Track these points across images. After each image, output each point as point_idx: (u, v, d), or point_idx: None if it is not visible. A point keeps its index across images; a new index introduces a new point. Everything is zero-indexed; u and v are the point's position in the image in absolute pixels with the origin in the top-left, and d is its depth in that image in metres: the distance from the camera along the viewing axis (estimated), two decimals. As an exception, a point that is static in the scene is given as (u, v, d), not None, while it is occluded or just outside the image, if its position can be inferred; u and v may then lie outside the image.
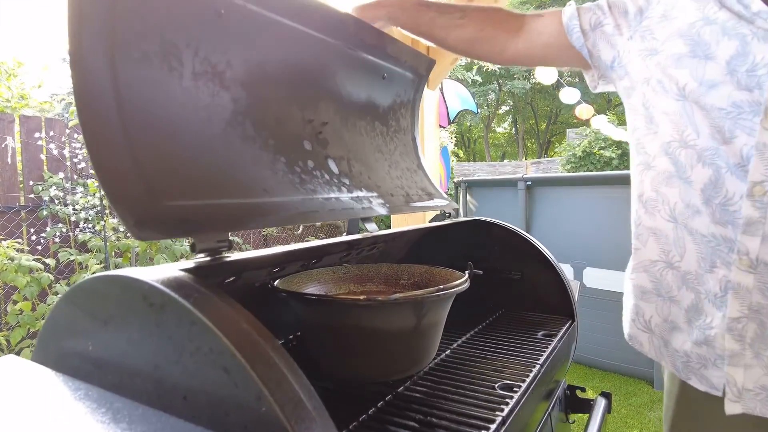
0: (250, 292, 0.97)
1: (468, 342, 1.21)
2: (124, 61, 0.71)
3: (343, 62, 1.17)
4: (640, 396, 3.41)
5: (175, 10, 0.79)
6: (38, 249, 3.70)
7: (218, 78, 0.86)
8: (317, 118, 1.10)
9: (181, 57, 0.80)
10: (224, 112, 0.87)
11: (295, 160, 0.99)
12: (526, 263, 1.50)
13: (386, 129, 1.40)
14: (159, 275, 0.55)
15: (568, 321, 1.39)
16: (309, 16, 1.03)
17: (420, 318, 0.88)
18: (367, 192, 1.16)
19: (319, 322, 0.90)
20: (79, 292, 0.61)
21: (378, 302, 0.81)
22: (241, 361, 0.45)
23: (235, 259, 0.71)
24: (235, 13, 0.89)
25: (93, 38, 0.67)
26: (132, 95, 0.70)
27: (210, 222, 0.69)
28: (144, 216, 0.62)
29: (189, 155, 0.76)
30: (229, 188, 0.79)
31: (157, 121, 0.73)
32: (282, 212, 0.86)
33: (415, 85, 1.51)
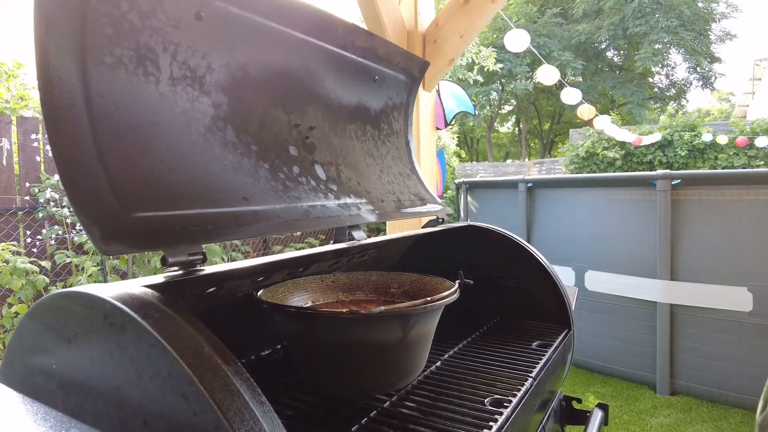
0: (234, 302, 0.94)
1: (459, 353, 1.18)
2: (96, 67, 0.68)
3: (331, 65, 1.15)
4: (642, 401, 3.37)
5: (152, 13, 0.76)
6: (34, 252, 3.68)
7: (198, 83, 0.84)
8: (304, 123, 1.08)
9: (158, 62, 0.78)
10: (204, 117, 0.84)
11: (279, 167, 0.96)
12: (521, 270, 1.47)
13: (378, 133, 1.37)
14: (122, 292, 0.52)
15: (564, 330, 1.35)
16: (295, 18, 1.00)
17: (407, 331, 0.85)
18: (356, 198, 1.13)
19: (302, 335, 0.87)
20: (43, 308, 0.58)
21: (362, 315, 0.78)
22: (199, 389, 0.42)
23: (209, 273, 0.69)
24: (215, 16, 0.86)
25: (61, 43, 0.64)
26: (104, 103, 0.67)
27: (183, 234, 0.66)
28: (112, 229, 0.60)
29: (164, 164, 0.73)
30: (206, 197, 0.77)
31: (131, 129, 0.70)
32: (262, 222, 0.83)
33: (408, 87, 1.48)
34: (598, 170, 10.88)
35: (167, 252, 0.62)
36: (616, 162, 10.73)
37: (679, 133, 10.16)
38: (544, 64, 4.20)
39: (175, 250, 0.64)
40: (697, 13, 20.45)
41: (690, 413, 3.18)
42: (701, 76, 22.52)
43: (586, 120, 6.05)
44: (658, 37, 19.28)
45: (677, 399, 3.36)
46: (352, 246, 1.08)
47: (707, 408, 3.22)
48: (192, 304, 0.76)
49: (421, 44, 2.06)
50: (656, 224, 3.39)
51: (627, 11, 19.67)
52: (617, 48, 22.36)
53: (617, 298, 3.65)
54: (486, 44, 12.00)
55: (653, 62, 19.80)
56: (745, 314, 3.11)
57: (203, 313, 0.62)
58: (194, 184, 0.76)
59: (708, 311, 3.27)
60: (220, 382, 0.43)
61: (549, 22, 20.78)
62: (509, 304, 1.50)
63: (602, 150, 10.86)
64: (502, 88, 21.57)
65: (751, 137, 9.43)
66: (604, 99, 22.09)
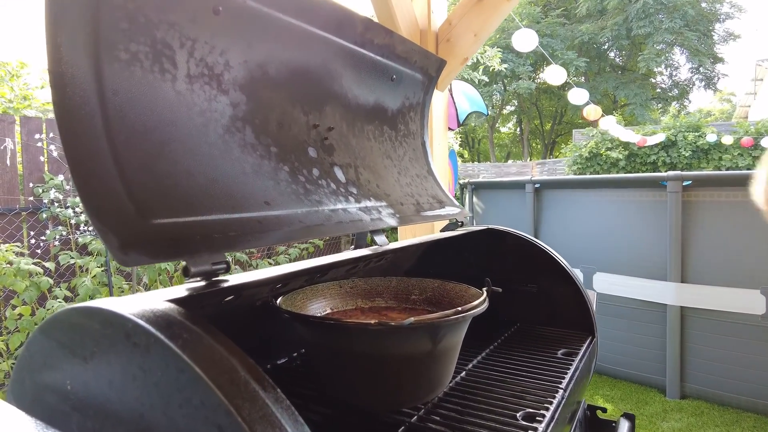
0: (250, 309, 0.90)
1: (483, 362, 1.14)
2: (110, 64, 0.64)
3: (350, 63, 1.10)
4: (652, 405, 3.32)
5: (168, 7, 0.72)
6: (38, 252, 3.64)
7: (215, 81, 0.79)
8: (323, 123, 1.03)
9: (175, 58, 0.73)
10: (222, 117, 0.80)
11: (299, 169, 0.92)
12: (542, 275, 1.42)
13: (395, 133, 1.33)
14: (144, 308, 0.48)
15: (588, 337, 1.31)
16: (314, 13, 0.96)
17: (435, 343, 0.80)
18: (376, 201, 1.09)
19: (325, 346, 0.82)
20: (56, 324, 0.54)
21: (390, 327, 0.73)
22: (237, 420, 0.38)
23: (234, 284, 0.64)
24: (234, 10, 0.82)
25: (74, 38, 0.60)
26: (118, 102, 0.63)
27: (205, 242, 0.62)
28: (130, 237, 0.55)
29: (182, 167, 0.69)
30: (227, 202, 0.72)
31: (146, 129, 0.66)
32: (285, 227, 0.79)
33: (425, 86, 1.44)
34: (601, 171, 10.82)
35: (189, 262, 0.58)
36: (619, 162, 10.66)
37: (682, 133, 10.09)
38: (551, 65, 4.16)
39: (198, 260, 0.59)
40: (701, 13, 20.38)
41: (701, 417, 3.13)
42: (704, 77, 22.44)
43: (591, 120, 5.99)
44: (662, 38, 19.21)
45: (688, 403, 3.31)
46: (373, 252, 1.03)
47: (719, 412, 3.17)
48: (209, 313, 0.72)
49: (433, 43, 2.01)
50: (667, 226, 3.34)
51: (630, 12, 19.60)
52: (620, 48, 22.28)
53: (627, 300, 3.60)
54: (490, 44, 11.95)
55: (656, 63, 19.73)
56: (757, 317, 3.06)
57: (218, 322, 0.58)
58: (214, 188, 0.72)
59: (719, 314, 3.22)
60: (260, 412, 0.39)
61: (552, 22, 20.71)
62: (529, 309, 1.45)
63: (606, 150, 10.80)
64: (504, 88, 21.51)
65: (756, 138, 9.37)
66: (607, 99, 22.01)
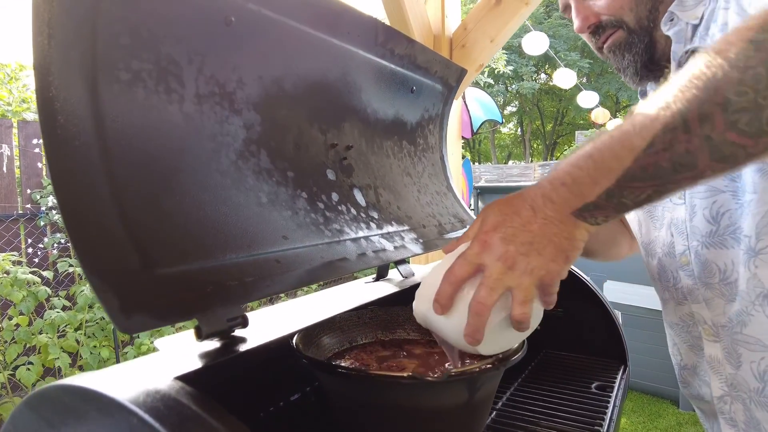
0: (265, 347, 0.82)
1: (514, 399, 1.05)
2: (109, 86, 0.55)
3: (370, 75, 1.02)
4: (665, 418, 3.23)
5: (175, 18, 0.63)
6: (35, 261, 3.56)
7: (227, 100, 0.71)
8: (341, 142, 0.95)
9: (182, 76, 0.65)
10: (235, 141, 0.71)
11: (317, 194, 0.83)
12: (569, 298, 1.33)
13: (414, 148, 1.24)
14: (149, 393, 0.40)
15: (621, 366, 1.22)
16: (333, 22, 0.87)
17: (473, 393, 0.72)
18: (398, 226, 1.01)
19: (348, 396, 0.74)
20: (44, 400, 0.45)
21: (425, 382, 0.65)
22: None
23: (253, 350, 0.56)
24: (247, 21, 0.73)
25: (67, 56, 0.51)
26: (118, 130, 0.55)
27: (219, 294, 0.54)
28: (133, 296, 0.47)
29: (191, 201, 0.60)
30: (242, 239, 0.64)
31: (151, 160, 0.58)
32: (305, 264, 0.70)
33: (444, 97, 1.35)
34: (605, 173, 10.72)
35: (202, 321, 0.50)
36: (624, 164, 10.57)
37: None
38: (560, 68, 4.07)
39: (212, 318, 0.51)
40: (703, 13, 20.25)
41: None
42: (706, 77, 22.29)
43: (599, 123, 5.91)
44: (664, 38, 19.09)
45: (703, 416, 3.23)
46: (401, 289, 0.95)
47: (735, 426, 3.09)
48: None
49: (447, 48, 1.93)
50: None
51: (633, 12, 19.47)
52: (622, 49, 22.15)
53: (637, 309, 3.52)
54: (492, 45, 11.86)
55: (659, 63, 19.59)
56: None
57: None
58: (227, 224, 0.63)
59: (735, 324, 3.14)
60: None
61: (555, 23, 20.64)
62: (554, 334, 1.36)
63: (610, 152, 10.70)
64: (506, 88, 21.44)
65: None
66: (609, 101, 21.94)
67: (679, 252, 0.82)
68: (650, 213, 0.90)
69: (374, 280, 1.06)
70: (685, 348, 0.88)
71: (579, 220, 0.56)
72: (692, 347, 0.86)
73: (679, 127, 0.47)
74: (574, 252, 0.57)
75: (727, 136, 0.45)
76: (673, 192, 0.52)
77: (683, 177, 0.49)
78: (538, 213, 0.56)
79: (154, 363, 0.49)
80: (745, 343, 0.73)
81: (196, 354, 0.51)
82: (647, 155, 0.49)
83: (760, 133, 0.44)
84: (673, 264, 0.84)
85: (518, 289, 0.56)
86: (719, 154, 0.46)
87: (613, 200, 0.53)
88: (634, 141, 0.50)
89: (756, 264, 0.70)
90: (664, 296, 0.91)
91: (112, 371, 0.45)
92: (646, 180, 0.50)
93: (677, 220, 0.82)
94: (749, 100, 0.44)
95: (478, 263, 0.57)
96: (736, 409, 0.77)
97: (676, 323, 0.89)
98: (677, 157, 0.48)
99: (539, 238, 0.55)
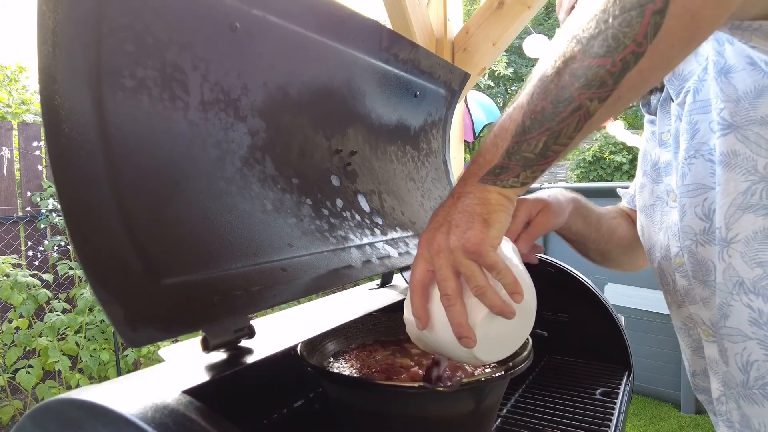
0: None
1: (518, 405, 1.04)
2: (114, 94, 0.54)
3: (373, 80, 1.01)
4: (667, 421, 3.23)
5: (180, 25, 0.63)
6: (35, 264, 3.54)
7: (232, 107, 0.70)
8: (345, 147, 0.94)
9: (187, 83, 0.64)
10: (240, 148, 0.71)
11: (322, 201, 0.83)
12: (572, 304, 1.33)
13: (417, 153, 1.24)
14: (157, 408, 0.39)
15: (625, 372, 1.22)
16: (338, 27, 0.87)
17: (480, 402, 0.71)
18: (402, 231, 1.00)
19: (354, 404, 0.73)
20: (49, 414, 0.45)
21: (433, 392, 0.64)
22: None
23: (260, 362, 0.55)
24: (252, 27, 0.72)
25: (72, 65, 0.51)
26: (123, 138, 0.54)
27: (225, 304, 0.53)
28: (140, 307, 0.46)
29: (196, 210, 0.60)
30: (248, 248, 0.63)
31: (155, 168, 0.57)
32: (310, 272, 0.70)
33: (448, 101, 1.35)
34: (605, 175, 10.73)
35: (209, 333, 0.49)
36: (623, 166, 10.58)
37: (688, 137, 10.01)
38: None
39: (218, 329, 0.50)
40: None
41: (719, 435, 3.04)
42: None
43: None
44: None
45: (704, 418, 3.21)
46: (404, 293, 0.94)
47: (737, 429, 3.08)
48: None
49: (449, 52, 1.93)
50: (683, 237, 3.25)
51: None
52: (621, 50, 22.17)
53: (639, 312, 3.51)
54: (492, 47, 11.85)
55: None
56: (777, 332, 2.96)
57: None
58: (232, 232, 0.62)
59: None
60: None
61: (556, 24, 20.68)
62: (557, 340, 1.36)
63: (609, 154, 10.72)
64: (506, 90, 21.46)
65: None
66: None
67: (673, 254, 0.83)
68: (650, 218, 0.92)
69: (378, 286, 1.05)
70: (689, 352, 0.88)
71: (488, 184, 0.57)
72: (695, 351, 0.86)
73: (550, 74, 0.52)
74: (492, 214, 0.56)
75: (587, 63, 0.49)
76: (568, 137, 0.53)
77: (566, 114, 0.51)
78: (455, 196, 0.59)
79: (160, 375, 0.48)
80: (729, 336, 0.73)
81: (202, 365, 0.51)
82: (531, 106, 0.53)
83: (611, 51, 0.48)
84: (669, 267, 0.85)
85: (459, 265, 0.55)
86: (585, 80, 0.49)
87: (514, 156, 0.55)
88: (522, 100, 0.55)
89: (729, 254, 0.71)
90: (667, 300, 0.91)
91: (118, 384, 0.45)
92: (536, 128, 0.53)
93: (671, 223, 0.83)
94: (596, 27, 0.49)
95: (423, 261, 0.58)
96: (731, 408, 0.77)
97: (679, 327, 0.89)
98: (553, 96, 0.51)
99: (456, 214, 0.57)
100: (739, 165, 0.68)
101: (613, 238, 1.07)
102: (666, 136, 0.87)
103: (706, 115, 0.76)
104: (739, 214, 0.69)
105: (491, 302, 0.56)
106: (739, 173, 0.69)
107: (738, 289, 0.70)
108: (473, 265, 0.55)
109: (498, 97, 21.51)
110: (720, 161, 0.71)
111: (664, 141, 0.87)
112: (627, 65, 0.48)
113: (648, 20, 0.46)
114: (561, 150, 0.54)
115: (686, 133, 0.79)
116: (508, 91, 21.86)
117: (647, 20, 0.46)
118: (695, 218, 0.77)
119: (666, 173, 0.87)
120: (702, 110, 0.76)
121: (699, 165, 0.76)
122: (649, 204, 0.92)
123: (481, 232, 0.55)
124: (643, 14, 0.46)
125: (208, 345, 0.49)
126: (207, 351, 0.50)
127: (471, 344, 0.58)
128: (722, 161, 0.70)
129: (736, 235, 0.69)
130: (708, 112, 0.75)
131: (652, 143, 0.93)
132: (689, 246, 0.78)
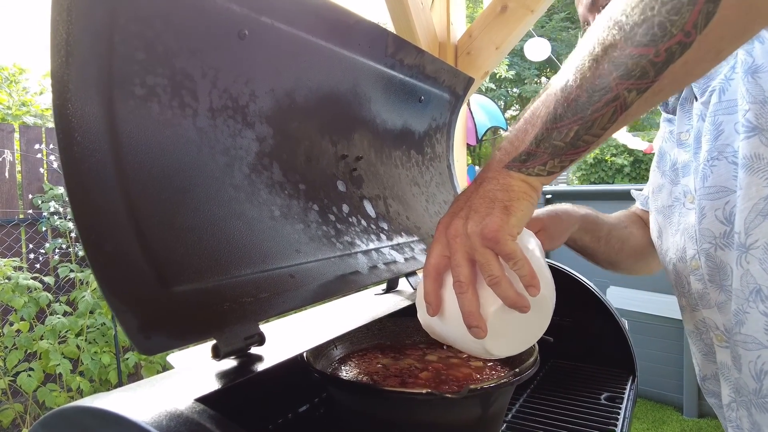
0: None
1: (523, 411, 1.04)
2: (125, 101, 0.55)
3: (379, 86, 1.02)
4: (669, 424, 3.22)
5: (190, 33, 0.63)
6: (36, 266, 3.54)
7: (240, 114, 0.71)
8: (351, 153, 0.94)
9: (196, 90, 0.65)
10: (248, 155, 0.71)
11: (328, 206, 0.83)
12: (576, 308, 1.33)
13: (422, 158, 1.24)
14: (171, 416, 0.39)
15: (629, 376, 1.22)
16: (345, 33, 0.87)
17: (487, 408, 0.71)
18: (408, 236, 1.00)
19: (361, 410, 0.74)
20: (62, 421, 0.45)
21: (442, 399, 0.64)
22: None
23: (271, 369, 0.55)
24: (260, 34, 0.73)
25: (84, 73, 0.51)
26: (133, 145, 0.54)
27: (235, 311, 0.53)
28: (152, 314, 0.46)
29: (205, 217, 0.60)
30: (256, 254, 0.63)
31: (165, 176, 0.57)
32: (319, 279, 0.70)
33: (452, 106, 1.35)
34: (606, 177, 10.73)
35: (220, 340, 0.49)
36: (624, 169, 10.58)
37: (688, 139, 10.01)
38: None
39: (229, 336, 0.50)
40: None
41: (721, 438, 3.04)
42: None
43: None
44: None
45: (706, 422, 3.21)
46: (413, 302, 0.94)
47: None
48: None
49: (452, 56, 1.93)
50: (685, 240, 3.25)
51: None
52: (622, 52, 22.19)
53: (641, 315, 3.51)
54: (492, 49, 11.88)
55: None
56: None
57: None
58: (241, 238, 0.63)
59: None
60: None
61: (557, 26, 20.69)
62: (561, 344, 1.36)
63: (611, 156, 10.72)
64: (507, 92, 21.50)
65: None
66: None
67: (689, 256, 0.82)
68: (668, 218, 0.90)
69: (384, 291, 1.05)
70: (700, 357, 0.87)
71: (513, 171, 0.55)
72: (706, 355, 0.85)
73: (588, 61, 0.49)
74: (514, 202, 0.54)
75: (629, 51, 0.46)
76: (601, 128, 0.51)
77: (601, 104, 0.49)
78: (477, 181, 0.57)
79: (172, 383, 0.48)
80: (743, 343, 0.72)
81: (213, 372, 0.51)
82: (565, 94, 0.51)
83: (655, 40, 0.45)
84: (685, 269, 0.84)
85: (474, 252, 0.54)
86: (624, 70, 0.47)
87: (543, 144, 0.53)
88: (556, 86, 0.53)
89: (747, 260, 0.69)
90: (681, 303, 0.90)
91: (131, 391, 0.45)
92: (568, 116, 0.51)
93: (688, 225, 0.82)
94: (641, 13, 0.46)
95: (439, 246, 0.57)
96: (741, 415, 0.76)
97: (692, 331, 0.88)
98: (589, 84, 0.49)
99: (477, 200, 0.55)
100: (762, 169, 0.67)
101: (623, 249, 1.06)
102: (685, 135, 0.85)
103: (731, 116, 0.73)
104: (759, 220, 0.67)
105: (505, 294, 0.54)
106: (762, 178, 0.67)
107: (755, 297, 0.69)
108: (489, 253, 0.53)
109: (500, 100, 21.53)
110: (743, 164, 0.69)
111: (683, 141, 0.85)
112: (672, 56, 0.45)
113: (700, 8, 0.43)
114: (593, 141, 0.52)
115: (709, 133, 0.76)
116: (509, 94, 21.89)
117: (699, 8, 0.43)
118: (715, 221, 0.75)
119: (683, 174, 0.85)
120: (727, 111, 0.74)
121: (721, 167, 0.74)
122: (667, 205, 0.91)
123: (500, 219, 0.53)
124: (695, 1, 0.43)
125: (219, 353, 0.49)
126: (218, 359, 0.50)
127: (481, 335, 0.56)
128: (745, 164, 0.68)
129: (756, 241, 0.68)
130: (734, 113, 0.73)
131: (670, 143, 0.91)
132: (707, 249, 0.77)
